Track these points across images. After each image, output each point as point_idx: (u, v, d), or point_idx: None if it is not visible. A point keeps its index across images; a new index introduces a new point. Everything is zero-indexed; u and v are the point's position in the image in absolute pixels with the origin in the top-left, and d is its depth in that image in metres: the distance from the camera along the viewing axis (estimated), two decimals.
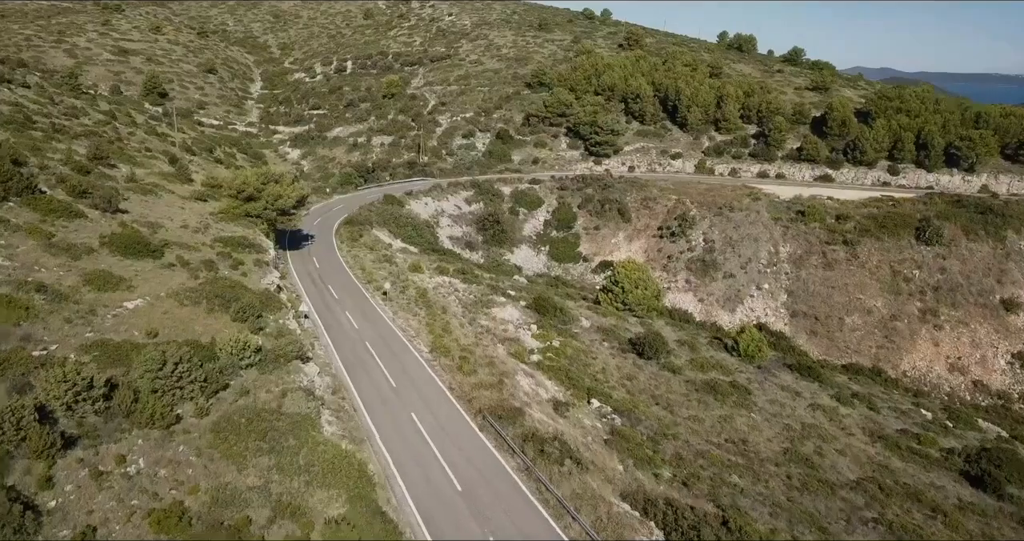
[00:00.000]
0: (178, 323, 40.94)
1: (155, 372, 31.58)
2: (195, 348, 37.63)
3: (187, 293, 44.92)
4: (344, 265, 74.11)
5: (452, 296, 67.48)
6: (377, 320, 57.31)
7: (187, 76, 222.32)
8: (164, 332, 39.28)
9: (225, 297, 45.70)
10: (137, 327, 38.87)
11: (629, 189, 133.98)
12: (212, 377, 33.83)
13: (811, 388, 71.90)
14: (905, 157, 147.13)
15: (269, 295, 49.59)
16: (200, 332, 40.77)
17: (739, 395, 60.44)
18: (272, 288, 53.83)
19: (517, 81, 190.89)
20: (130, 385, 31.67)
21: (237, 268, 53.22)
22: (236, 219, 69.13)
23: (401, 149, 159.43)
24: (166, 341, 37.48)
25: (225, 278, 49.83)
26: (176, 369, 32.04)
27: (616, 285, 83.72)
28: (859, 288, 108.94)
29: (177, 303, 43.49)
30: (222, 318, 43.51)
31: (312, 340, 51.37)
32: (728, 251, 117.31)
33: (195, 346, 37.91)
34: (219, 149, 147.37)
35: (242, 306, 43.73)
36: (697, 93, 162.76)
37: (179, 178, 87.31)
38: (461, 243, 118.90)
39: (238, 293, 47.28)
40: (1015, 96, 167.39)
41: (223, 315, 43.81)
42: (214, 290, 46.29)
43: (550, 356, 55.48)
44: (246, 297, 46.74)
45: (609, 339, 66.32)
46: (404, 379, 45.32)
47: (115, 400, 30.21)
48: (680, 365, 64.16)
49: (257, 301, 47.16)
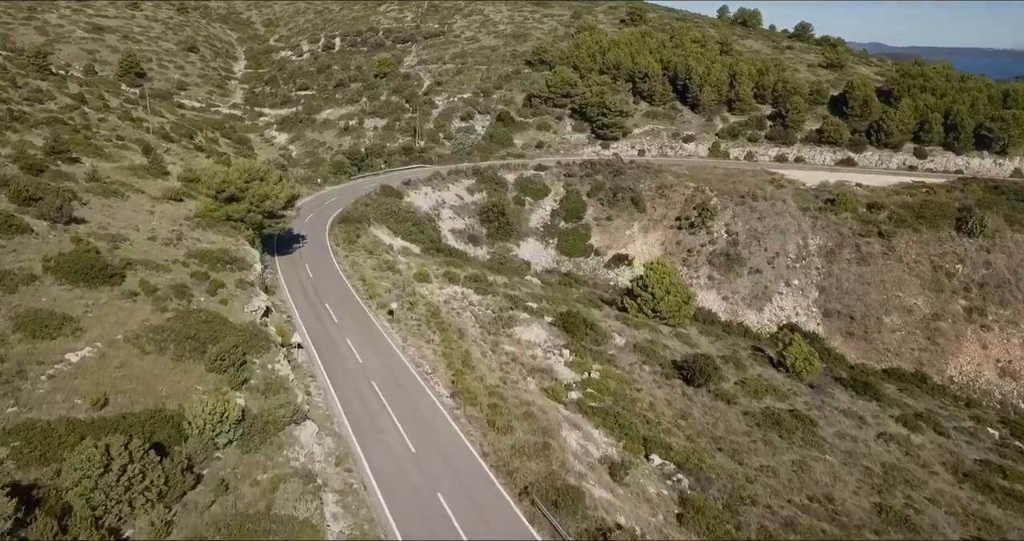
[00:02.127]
0: (136, 382, 31.82)
1: (94, 480, 22.59)
2: (156, 423, 28.61)
3: (151, 335, 35.71)
4: (341, 274, 64.86)
5: (467, 312, 58.49)
6: (384, 349, 48.28)
7: (166, 55, 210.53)
8: (117, 398, 30.18)
9: (199, 338, 36.52)
10: (81, 392, 29.75)
11: (642, 175, 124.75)
12: (175, 478, 24.78)
13: (871, 409, 63.87)
14: (933, 139, 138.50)
15: (255, 330, 40.39)
16: (165, 394, 31.66)
17: (804, 429, 52.02)
18: (259, 317, 44.63)
19: (516, 59, 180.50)
20: (59, 498, 22.71)
21: (216, 293, 43.94)
22: (216, 224, 59.69)
23: (395, 133, 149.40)
24: (117, 416, 28.39)
25: (200, 310, 40.58)
26: (124, 474, 23.06)
27: (645, 290, 74.91)
28: (897, 284, 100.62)
29: (137, 350, 34.30)
30: (195, 369, 34.39)
31: (308, 380, 42.37)
32: (753, 244, 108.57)
33: (157, 419, 28.88)
34: (200, 134, 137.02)
35: (221, 351, 34.58)
36: (709, 71, 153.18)
37: (152, 172, 77.57)
38: (464, 237, 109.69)
39: (216, 330, 38.10)
40: (1004, 70, 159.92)
41: (196, 364, 34.69)
42: (186, 329, 37.09)
43: (591, 392, 46.70)
44: (226, 336, 37.58)
45: (649, 361, 57.63)
46: (425, 440, 36.36)
47: (34, 527, 21.20)
48: (732, 392, 55.59)
49: (240, 340, 38.02)
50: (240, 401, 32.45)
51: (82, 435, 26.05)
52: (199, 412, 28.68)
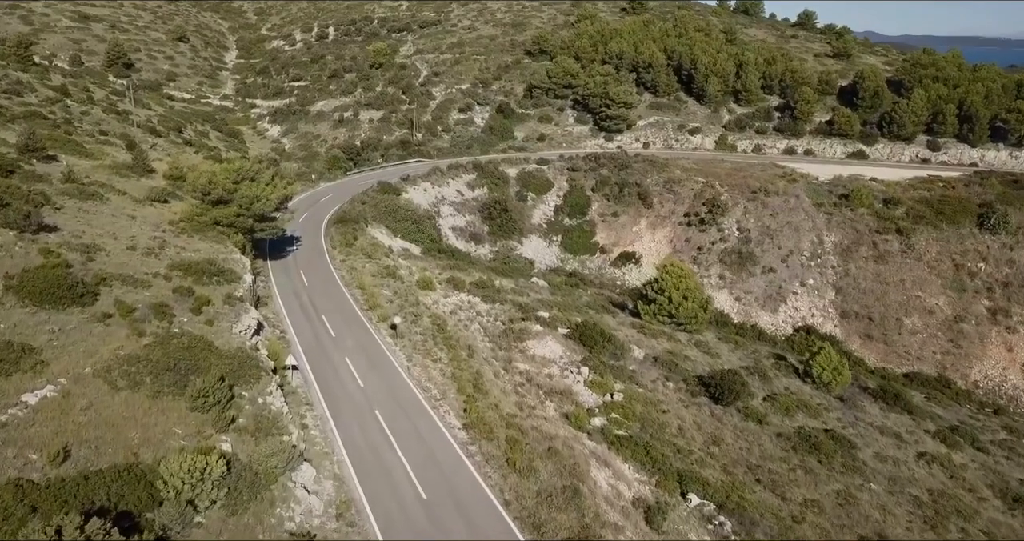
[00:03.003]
0: (105, 427, 27.46)
1: None
2: (125, 484, 24.28)
3: (124, 367, 31.33)
4: (339, 281, 60.42)
5: (475, 324, 54.20)
6: (387, 370, 43.96)
7: (155, 45, 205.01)
8: (80, 450, 25.82)
9: (180, 369, 32.16)
10: (37, 444, 25.37)
11: (649, 170, 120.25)
12: None
13: (904, 423, 60.01)
14: (946, 131, 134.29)
15: (244, 356, 35.98)
16: (138, 441, 27.30)
17: (843, 452, 47.99)
18: (249, 337, 40.22)
19: (516, 49, 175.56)
20: None
21: (200, 312, 39.49)
22: (202, 229, 55.17)
23: (392, 125, 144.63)
24: (78, 476, 24.04)
25: (182, 333, 36.15)
26: None
27: (661, 295, 70.68)
28: (917, 284, 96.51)
29: (108, 387, 29.92)
30: (174, 407, 30.06)
31: (304, 410, 38.10)
32: (766, 242, 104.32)
33: (125, 479, 24.54)
34: (190, 127, 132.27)
35: (204, 387, 30.21)
36: (715, 61, 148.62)
37: (136, 170, 72.92)
38: (465, 235, 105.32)
39: (200, 359, 33.73)
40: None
41: (176, 401, 30.35)
42: (165, 357, 32.71)
43: (616, 417, 42.50)
44: (211, 366, 33.23)
45: (672, 376, 53.46)
46: (437, 484, 32.07)
47: None
48: (762, 410, 51.48)
49: (228, 369, 33.69)
50: (226, 447, 28.18)
51: (33, 505, 21.72)
52: (176, 470, 24.37)
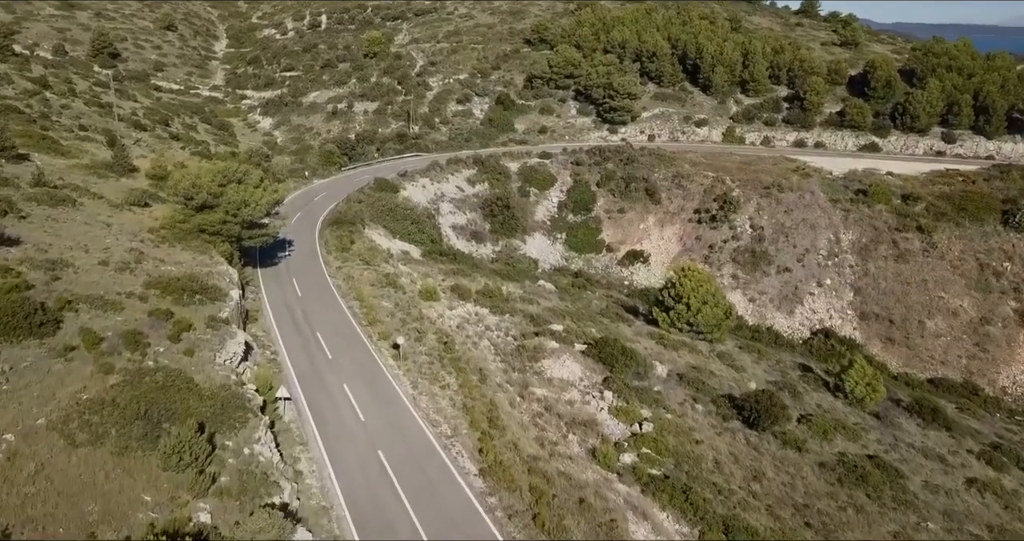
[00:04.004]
0: (58, 497, 22.85)
1: None
2: None
3: (86, 416, 26.69)
4: (335, 292, 55.68)
5: (484, 340, 49.61)
6: (390, 399, 39.34)
7: (142, 33, 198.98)
8: (24, 531, 21.20)
9: (152, 417, 27.54)
10: None
11: (656, 164, 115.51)
12: None
13: (945, 442, 55.90)
14: (962, 122, 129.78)
15: (228, 394, 31.35)
16: (97, 516, 22.68)
17: (892, 483, 43.69)
18: (235, 366, 35.57)
19: (515, 37, 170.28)
20: None
21: (179, 339, 34.78)
22: (185, 237, 50.38)
23: (388, 117, 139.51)
24: None
25: (157, 368, 31.48)
26: None
27: (679, 302, 66.16)
28: (940, 284, 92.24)
29: (64, 443, 25.28)
30: (144, 467, 25.45)
31: (298, 451, 33.52)
32: (780, 240, 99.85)
33: None
34: (177, 120, 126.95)
35: (179, 442, 25.56)
36: (721, 50, 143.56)
37: (116, 169, 68.05)
38: (466, 234, 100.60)
39: (176, 402, 29.10)
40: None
41: (146, 459, 25.74)
42: (135, 403, 28.07)
43: (647, 453, 38.02)
44: (190, 410, 28.62)
45: (700, 397, 49.04)
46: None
47: None
48: (799, 435, 47.12)
49: (209, 412, 29.11)
50: (204, 517, 23.64)
51: None
52: None
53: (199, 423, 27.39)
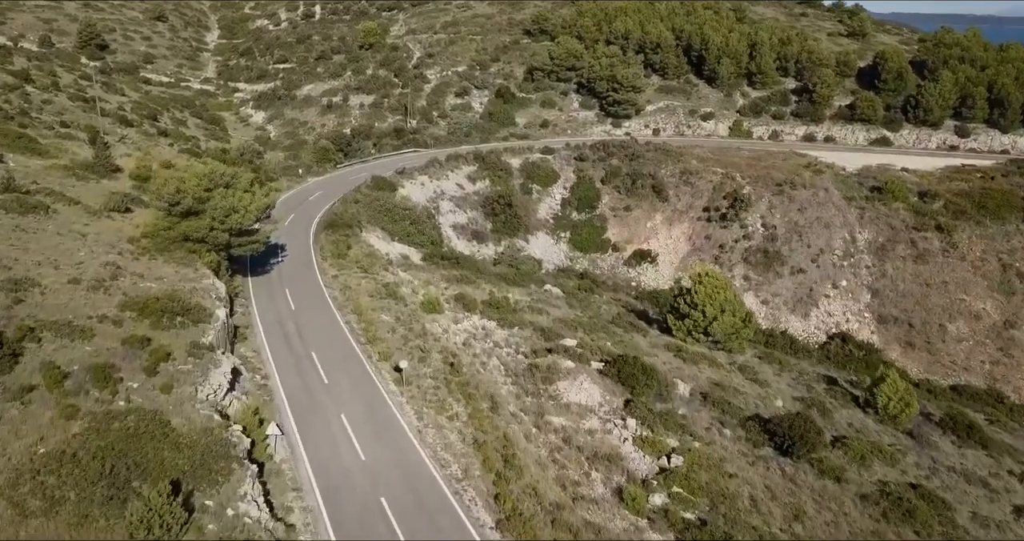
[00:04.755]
0: None
1: None
2: None
3: (42, 476, 22.84)
4: (331, 304, 51.78)
5: (493, 359, 45.80)
6: (394, 433, 35.51)
7: (132, 24, 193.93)
8: None
9: (120, 474, 23.70)
10: None
11: (662, 159, 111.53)
12: None
13: (985, 463, 52.37)
14: (976, 116, 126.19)
15: (210, 441, 27.47)
16: None
17: (940, 516, 40.11)
18: (219, 401, 31.71)
19: (514, 28, 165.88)
20: None
21: (156, 372, 30.90)
22: (168, 247, 46.42)
23: (384, 111, 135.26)
24: None
25: (129, 410, 27.60)
26: None
27: (695, 309, 62.43)
28: (961, 286, 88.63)
29: (14, 513, 21.44)
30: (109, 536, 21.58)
31: (292, 497, 29.74)
32: (794, 239, 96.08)
33: None
34: (167, 114, 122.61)
35: (148, 511, 21.73)
36: (727, 41, 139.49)
37: (97, 170, 63.96)
38: (467, 233, 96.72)
39: (149, 453, 25.24)
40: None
41: (111, 528, 21.90)
42: (100, 456, 24.21)
43: (678, 492, 34.31)
44: (164, 464, 24.77)
45: (726, 420, 45.40)
46: None
47: None
48: (836, 463, 43.46)
49: (187, 465, 25.27)
50: None
51: None
52: None
53: (174, 482, 23.60)
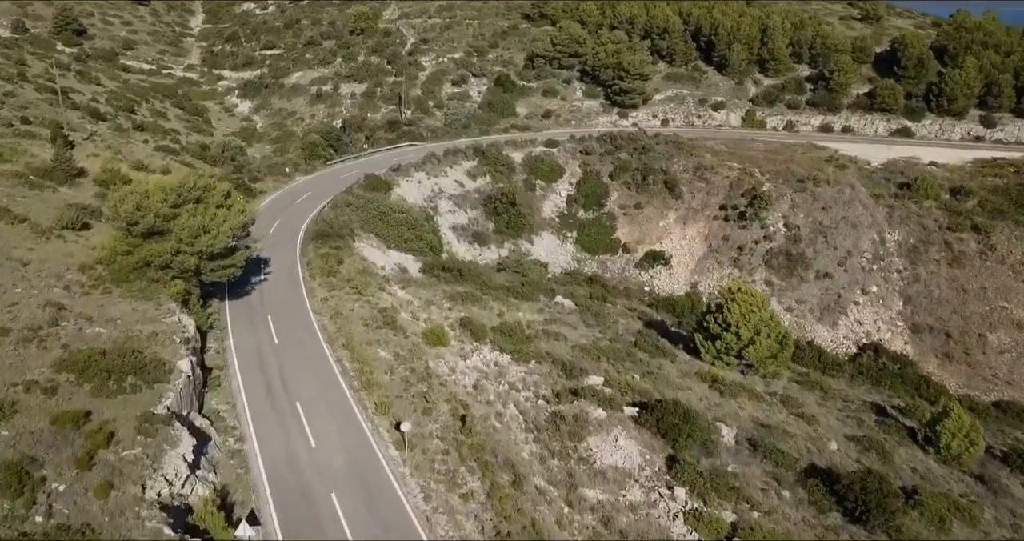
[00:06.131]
0: None
1: None
2: None
3: None
4: (320, 337, 44.79)
5: (510, 406, 39.14)
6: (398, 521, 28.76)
7: (111, 8, 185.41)
8: None
9: None
10: None
11: (675, 153, 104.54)
12: None
13: None
14: (1002, 105, 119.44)
15: None
16: None
17: None
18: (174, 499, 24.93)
19: (512, 12, 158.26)
20: None
21: (92, 465, 23.97)
22: (127, 276, 39.43)
23: (377, 101, 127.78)
24: None
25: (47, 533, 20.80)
26: None
27: (728, 331, 55.81)
28: (1001, 293, 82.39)
29: None
30: None
31: None
32: (819, 241, 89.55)
33: None
34: (145, 105, 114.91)
35: None
36: (738, 26, 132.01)
37: (56, 176, 56.76)
38: (468, 235, 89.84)
39: None
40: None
41: None
42: None
43: None
44: None
45: (782, 475, 38.98)
46: None
47: None
48: (913, 528, 37.01)
49: None
50: None
51: None
52: None
53: None
